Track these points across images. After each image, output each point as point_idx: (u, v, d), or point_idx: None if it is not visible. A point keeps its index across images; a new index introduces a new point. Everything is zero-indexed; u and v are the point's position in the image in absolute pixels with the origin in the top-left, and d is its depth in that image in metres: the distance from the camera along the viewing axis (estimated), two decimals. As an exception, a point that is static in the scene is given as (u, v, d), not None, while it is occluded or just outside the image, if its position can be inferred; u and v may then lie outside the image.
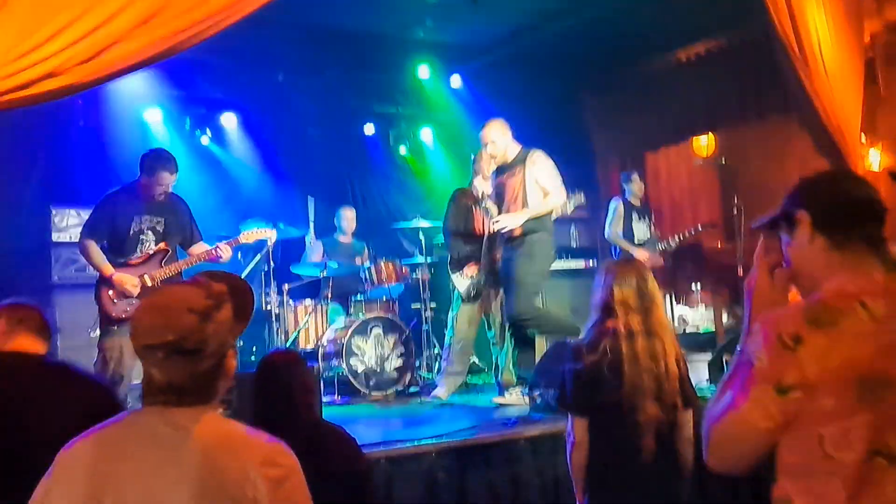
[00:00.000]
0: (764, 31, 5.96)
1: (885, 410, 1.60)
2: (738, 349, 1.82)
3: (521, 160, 5.82)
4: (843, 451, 1.62)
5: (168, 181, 5.21)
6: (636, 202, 7.90)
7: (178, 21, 3.65)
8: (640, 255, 7.30)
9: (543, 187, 5.75)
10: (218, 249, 5.40)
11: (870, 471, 1.61)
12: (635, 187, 7.88)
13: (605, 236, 7.76)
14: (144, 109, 8.33)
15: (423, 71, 9.02)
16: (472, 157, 6.45)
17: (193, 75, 8.05)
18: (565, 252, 8.55)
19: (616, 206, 7.80)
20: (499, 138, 5.85)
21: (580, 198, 6.25)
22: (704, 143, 8.74)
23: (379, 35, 8.16)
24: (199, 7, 3.68)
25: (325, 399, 5.95)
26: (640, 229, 7.75)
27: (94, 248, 5.09)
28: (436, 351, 7.35)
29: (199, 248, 5.48)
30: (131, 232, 5.16)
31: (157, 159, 5.21)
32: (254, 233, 5.74)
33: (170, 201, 5.37)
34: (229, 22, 3.85)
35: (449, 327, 6.32)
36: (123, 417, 1.84)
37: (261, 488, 1.71)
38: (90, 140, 7.96)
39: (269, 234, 5.88)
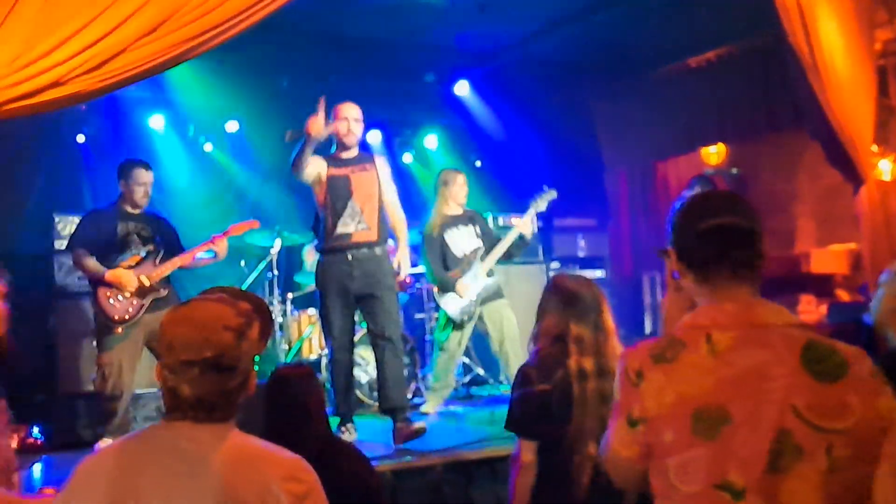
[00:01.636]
0: (775, 39, 5.94)
1: (724, 445, 1.61)
2: None
3: (369, 158, 5.31)
4: (685, 483, 1.65)
5: (145, 178, 5.22)
6: None
7: (184, 31, 3.64)
8: None
9: (390, 201, 5.29)
10: (213, 241, 5.34)
11: (711, 502, 1.61)
12: None
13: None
14: (148, 116, 8.32)
15: (430, 78, 8.98)
16: (440, 182, 6.33)
17: (197, 81, 8.02)
18: (573, 261, 8.52)
19: None
20: (360, 120, 5.28)
21: (552, 194, 6.40)
22: (714, 152, 8.70)
23: (385, 41, 8.13)
24: (204, 17, 3.66)
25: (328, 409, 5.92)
26: None
27: (86, 256, 5.08)
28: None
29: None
30: (118, 236, 5.15)
31: (130, 161, 5.31)
32: (242, 225, 5.70)
33: (153, 216, 5.39)
34: (235, 31, 3.84)
35: (437, 347, 6.25)
36: (144, 431, 1.86)
37: (283, 503, 1.74)
38: (94, 146, 7.95)
39: (255, 225, 5.82)
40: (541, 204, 6.42)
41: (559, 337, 3.07)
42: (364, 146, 5.72)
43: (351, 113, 5.23)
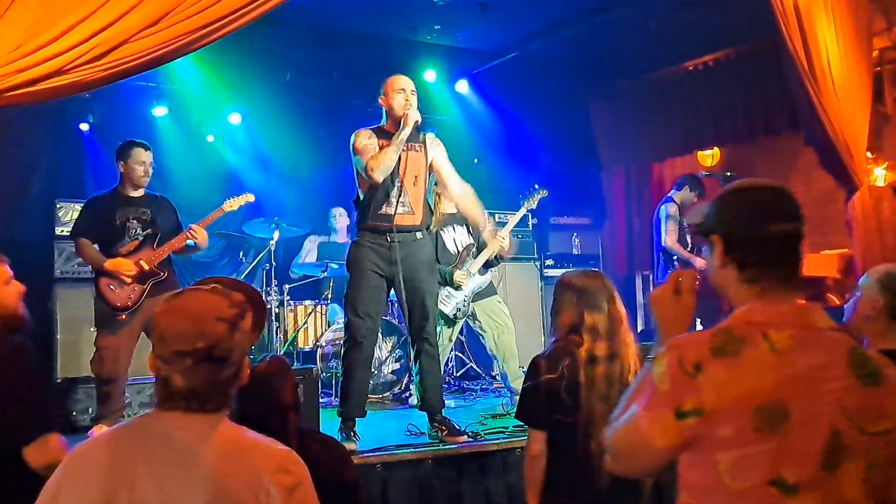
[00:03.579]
0: (772, 44, 5.97)
1: (782, 443, 1.61)
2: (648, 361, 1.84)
3: (418, 137, 4.87)
4: (738, 479, 1.63)
5: (144, 158, 5.22)
6: (683, 210, 7.33)
7: (186, 23, 3.66)
8: (700, 262, 7.00)
9: (445, 175, 4.97)
10: (191, 229, 5.30)
11: (762, 499, 1.62)
12: (686, 196, 7.31)
13: (662, 244, 7.15)
14: (152, 106, 8.35)
15: (430, 75, 9.02)
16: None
17: (201, 73, 8.06)
18: (567, 259, 8.56)
19: (669, 208, 7.18)
20: (415, 92, 4.90)
21: (543, 193, 6.49)
22: (709, 155, 8.74)
23: (386, 38, 8.17)
24: (207, 10, 3.68)
25: (321, 400, 5.96)
26: (685, 237, 7.25)
27: (87, 245, 5.12)
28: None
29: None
30: (118, 222, 5.16)
31: (128, 142, 5.28)
32: (236, 200, 5.70)
33: (153, 198, 5.37)
34: (238, 24, 3.85)
35: None
36: (136, 420, 1.85)
37: (273, 495, 1.74)
38: (97, 134, 7.99)
39: (249, 198, 5.80)
40: (532, 202, 6.51)
41: (574, 328, 3.14)
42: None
43: (407, 85, 4.86)
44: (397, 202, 4.69)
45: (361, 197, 4.82)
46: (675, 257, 7.09)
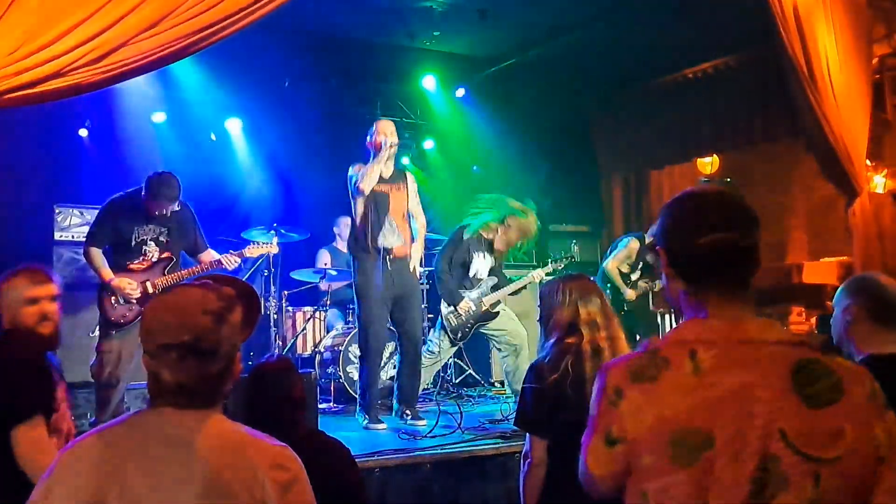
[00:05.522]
0: (772, 51, 5.98)
1: (703, 470, 1.49)
2: None
3: (401, 175, 5.77)
4: None
5: (168, 208, 5.13)
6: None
7: (185, 26, 3.67)
8: (629, 294, 7.04)
9: (416, 210, 5.83)
10: (224, 261, 5.37)
11: None
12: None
13: (603, 265, 7.18)
14: (151, 111, 8.35)
15: (429, 82, 9.03)
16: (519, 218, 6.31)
17: (200, 79, 8.06)
18: (566, 268, 8.55)
19: (629, 242, 7.15)
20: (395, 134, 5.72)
21: (574, 257, 6.70)
22: (708, 162, 8.75)
23: (386, 45, 8.18)
24: (205, 13, 3.69)
25: (320, 406, 5.94)
26: (637, 275, 7.19)
27: (97, 255, 5.08)
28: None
29: (207, 257, 5.44)
30: (133, 242, 5.13)
31: (161, 185, 5.06)
32: (258, 247, 5.72)
33: (177, 213, 5.28)
34: (236, 28, 3.86)
35: (428, 350, 6.18)
36: (128, 417, 1.82)
37: (269, 491, 1.71)
38: (96, 140, 7.98)
39: (273, 249, 5.85)
40: (561, 263, 6.54)
41: (571, 325, 3.13)
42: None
43: (388, 127, 5.66)
44: (393, 236, 5.56)
45: (358, 226, 5.63)
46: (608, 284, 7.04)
